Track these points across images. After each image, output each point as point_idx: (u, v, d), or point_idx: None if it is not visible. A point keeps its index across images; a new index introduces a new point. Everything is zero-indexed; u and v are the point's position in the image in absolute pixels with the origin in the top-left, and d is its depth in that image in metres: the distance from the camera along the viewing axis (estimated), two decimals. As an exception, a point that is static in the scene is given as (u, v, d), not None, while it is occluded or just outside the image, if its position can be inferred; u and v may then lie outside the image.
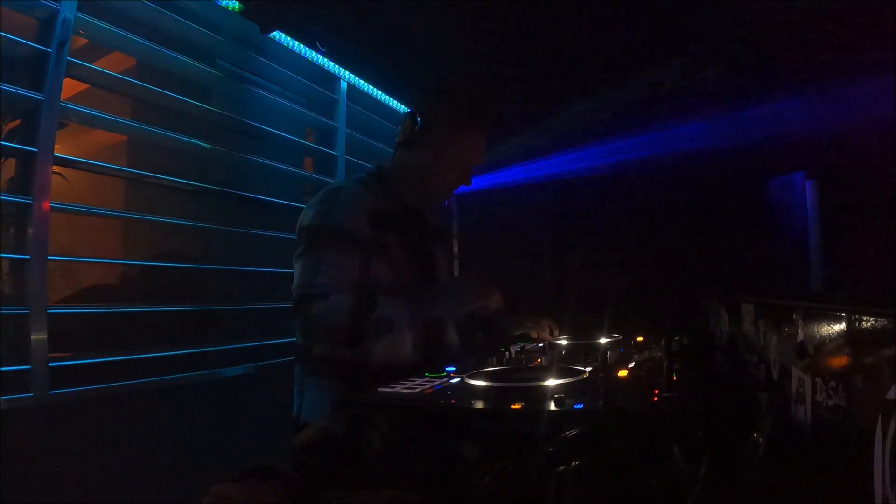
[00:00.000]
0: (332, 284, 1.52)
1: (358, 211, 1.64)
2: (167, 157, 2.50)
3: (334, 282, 1.53)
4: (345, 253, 1.57)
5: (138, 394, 1.89)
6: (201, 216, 2.40)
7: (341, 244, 1.57)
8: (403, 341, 1.62)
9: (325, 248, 1.56)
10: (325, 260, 1.55)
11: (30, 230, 1.68)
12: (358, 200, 1.67)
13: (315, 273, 1.54)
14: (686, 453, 0.74)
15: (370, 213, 1.65)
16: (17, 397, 1.59)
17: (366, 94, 3.20)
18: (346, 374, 1.54)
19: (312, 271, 1.54)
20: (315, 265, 1.54)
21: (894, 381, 0.51)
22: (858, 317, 0.61)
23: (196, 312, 2.39)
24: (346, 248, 1.57)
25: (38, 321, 1.66)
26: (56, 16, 1.73)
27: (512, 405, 0.98)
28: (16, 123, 1.85)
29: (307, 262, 1.56)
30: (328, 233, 1.58)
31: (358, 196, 1.70)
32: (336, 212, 1.61)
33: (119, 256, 2.69)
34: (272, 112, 2.69)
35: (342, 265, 1.56)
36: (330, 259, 1.55)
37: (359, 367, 1.55)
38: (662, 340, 1.22)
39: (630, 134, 3.24)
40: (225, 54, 2.50)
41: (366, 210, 1.65)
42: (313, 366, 1.61)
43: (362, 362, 1.56)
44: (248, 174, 2.67)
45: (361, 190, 1.73)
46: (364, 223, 1.62)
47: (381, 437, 1.02)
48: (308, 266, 1.55)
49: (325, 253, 1.55)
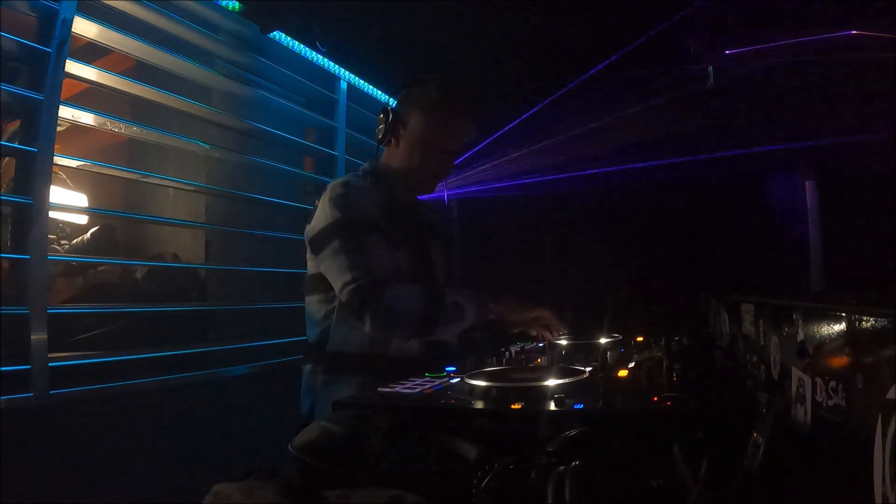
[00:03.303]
0: (385, 272, 1.53)
1: (371, 203, 1.66)
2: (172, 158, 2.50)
3: (386, 269, 1.54)
4: (378, 242, 1.58)
5: (138, 394, 1.89)
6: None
7: (373, 233, 1.59)
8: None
9: (360, 237, 1.56)
10: (367, 250, 1.55)
11: (30, 230, 1.68)
12: (367, 193, 1.69)
13: (364, 261, 1.52)
14: (686, 453, 0.74)
15: (378, 205, 1.67)
16: (17, 397, 1.59)
17: (366, 94, 3.20)
18: (365, 370, 1.55)
19: (361, 260, 1.52)
20: (359, 255, 1.53)
21: (894, 381, 0.51)
22: (858, 317, 0.61)
23: (196, 312, 2.39)
24: (377, 238, 1.59)
25: (38, 321, 1.66)
26: (56, 16, 1.73)
27: (512, 405, 0.98)
28: (16, 123, 1.85)
29: (350, 253, 1.54)
30: (359, 224, 1.59)
31: (367, 189, 1.71)
32: (358, 202, 1.62)
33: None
34: (272, 112, 2.69)
35: (380, 254, 1.57)
36: (370, 248, 1.56)
37: (378, 362, 1.57)
38: (662, 340, 1.22)
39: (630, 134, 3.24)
40: (225, 54, 2.50)
41: (375, 203, 1.67)
42: (327, 363, 1.61)
43: (381, 358, 1.57)
44: (248, 174, 2.68)
45: (364, 184, 1.74)
46: (379, 215, 1.64)
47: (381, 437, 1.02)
48: (352, 256, 1.53)
49: (363, 243, 1.55)
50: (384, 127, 1.76)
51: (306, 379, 1.66)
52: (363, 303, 1.49)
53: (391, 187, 1.77)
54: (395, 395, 1.11)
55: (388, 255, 1.60)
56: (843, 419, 0.63)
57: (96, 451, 1.70)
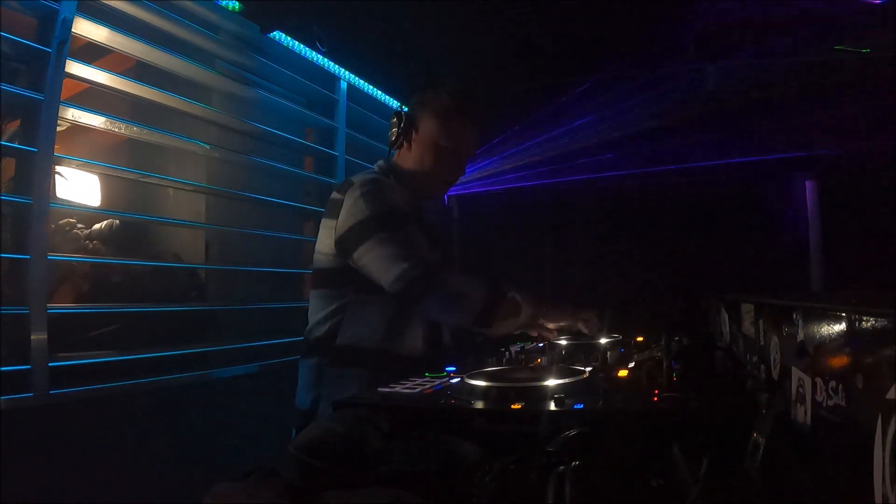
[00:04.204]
0: (440, 261, 1.54)
1: (402, 198, 1.68)
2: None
3: (438, 259, 1.55)
4: (420, 234, 1.59)
5: (138, 394, 1.89)
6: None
7: (414, 224, 1.60)
8: (441, 333, 1.67)
9: (405, 228, 1.57)
10: (416, 241, 1.56)
11: (30, 230, 1.68)
12: (396, 189, 1.71)
13: (416, 250, 1.53)
14: (686, 453, 0.74)
15: (406, 202, 1.69)
16: (17, 397, 1.59)
17: (366, 94, 3.20)
18: (376, 365, 1.55)
19: (412, 249, 1.52)
20: (410, 244, 1.54)
21: (894, 381, 0.51)
22: (858, 317, 0.61)
23: (196, 312, 2.39)
24: (418, 230, 1.60)
25: (38, 321, 1.66)
26: (56, 16, 1.73)
27: (512, 405, 0.98)
28: (16, 123, 1.85)
29: (399, 243, 1.53)
30: (402, 217, 1.60)
31: (394, 186, 1.72)
32: (393, 197, 1.64)
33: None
34: (272, 112, 2.69)
35: (427, 245, 1.57)
36: (417, 240, 1.57)
37: (387, 357, 1.57)
38: (662, 340, 1.22)
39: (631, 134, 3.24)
40: (225, 54, 2.50)
41: (403, 198, 1.69)
42: (336, 356, 1.60)
43: (391, 352, 1.58)
44: (248, 174, 2.68)
45: (388, 180, 1.75)
46: (410, 210, 1.66)
47: (381, 437, 1.02)
48: (403, 246, 1.53)
49: (409, 233, 1.56)
50: (397, 130, 1.77)
51: (309, 373, 1.65)
52: (426, 287, 1.48)
53: (402, 190, 1.78)
54: (395, 395, 1.11)
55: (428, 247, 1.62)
56: (843, 419, 0.63)
57: (96, 451, 1.70)
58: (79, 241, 2.38)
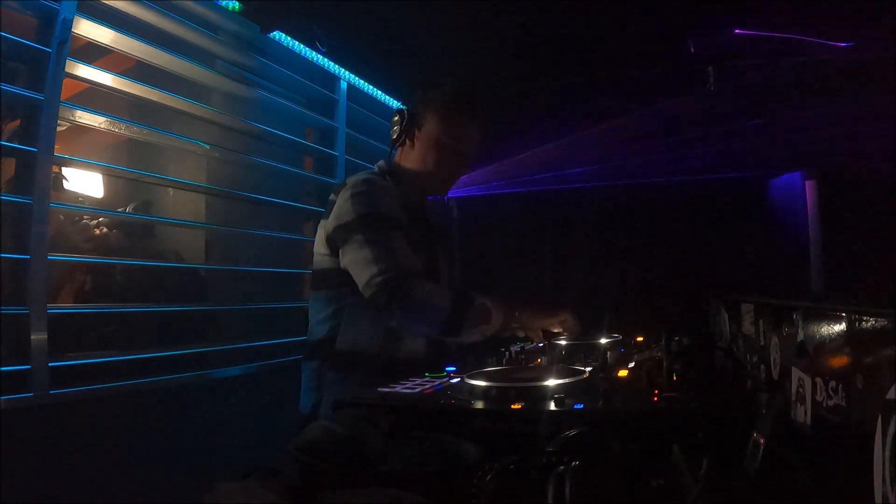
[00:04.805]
0: (413, 267, 1.52)
1: (394, 201, 1.65)
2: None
3: (413, 265, 1.53)
4: (402, 239, 1.58)
5: (138, 394, 1.89)
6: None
7: (398, 230, 1.59)
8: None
9: (387, 232, 1.56)
10: (394, 245, 1.54)
11: (30, 230, 1.68)
12: (390, 191, 1.69)
13: (392, 255, 1.51)
14: (686, 453, 0.74)
15: (399, 205, 1.67)
16: (17, 397, 1.59)
17: (366, 94, 3.20)
18: (376, 368, 1.55)
19: (388, 254, 1.51)
20: (386, 249, 1.52)
21: (894, 381, 0.51)
22: (858, 317, 0.61)
23: (196, 312, 2.39)
24: (401, 235, 1.58)
25: (38, 321, 1.66)
26: (56, 16, 1.73)
27: (512, 405, 0.98)
28: (16, 123, 1.85)
29: (376, 246, 1.53)
30: (385, 221, 1.59)
31: (388, 188, 1.71)
32: (382, 199, 1.62)
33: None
34: (272, 112, 2.69)
35: (406, 250, 1.56)
36: (397, 245, 1.55)
37: (389, 362, 1.57)
38: (662, 340, 1.22)
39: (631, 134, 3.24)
40: (225, 54, 2.50)
41: (396, 201, 1.67)
42: (336, 360, 1.60)
43: (391, 357, 1.57)
44: (248, 174, 2.68)
45: (385, 182, 1.74)
46: (400, 214, 1.64)
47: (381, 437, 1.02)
48: (379, 250, 1.52)
49: (389, 237, 1.55)
50: (399, 128, 1.76)
51: (311, 376, 1.64)
52: (392, 295, 1.47)
53: (404, 189, 1.77)
54: (395, 395, 1.11)
55: (411, 252, 1.61)
56: (843, 419, 0.63)
57: (96, 451, 1.70)
58: (88, 231, 2.37)
